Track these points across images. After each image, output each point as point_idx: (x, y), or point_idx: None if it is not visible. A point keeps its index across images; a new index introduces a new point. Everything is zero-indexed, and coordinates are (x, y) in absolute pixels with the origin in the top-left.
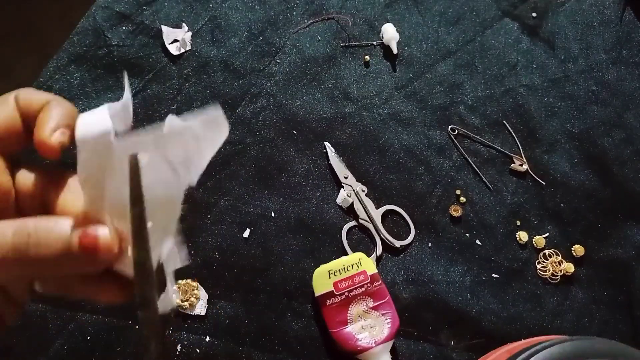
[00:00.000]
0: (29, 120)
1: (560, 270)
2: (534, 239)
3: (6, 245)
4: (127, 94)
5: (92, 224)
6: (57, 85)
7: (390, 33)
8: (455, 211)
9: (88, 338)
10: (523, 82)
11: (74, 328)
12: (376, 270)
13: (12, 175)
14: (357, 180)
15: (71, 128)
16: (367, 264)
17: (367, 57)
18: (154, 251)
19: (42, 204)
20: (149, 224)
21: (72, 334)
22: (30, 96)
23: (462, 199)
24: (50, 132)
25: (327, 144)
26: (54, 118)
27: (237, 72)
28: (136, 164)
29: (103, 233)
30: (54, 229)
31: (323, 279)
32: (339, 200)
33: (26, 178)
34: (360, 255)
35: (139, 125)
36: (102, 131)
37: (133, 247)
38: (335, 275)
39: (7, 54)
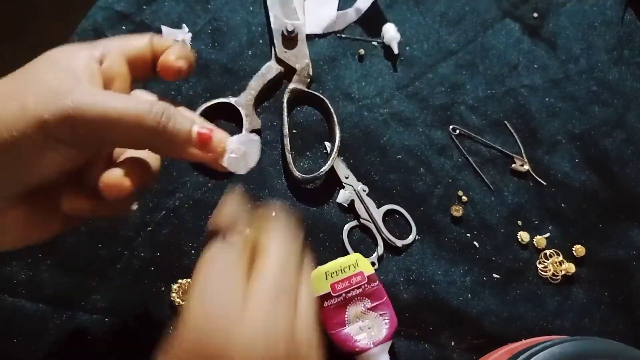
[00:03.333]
0: (156, 58)
1: (561, 271)
2: (535, 239)
3: (150, 120)
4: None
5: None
6: None
7: (391, 33)
8: (456, 211)
9: (88, 338)
10: (524, 82)
11: (74, 328)
12: (373, 271)
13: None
14: (358, 180)
15: (189, 63)
16: (364, 265)
17: (365, 54)
18: None
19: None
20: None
21: (72, 334)
22: (162, 40)
23: (464, 199)
24: (174, 57)
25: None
26: (179, 50)
27: (237, 73)
28: None
29: (217, 132)
30: (185, 119)
31: (320, 280)
32: (339, 200)
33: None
34: (357, 256)
35: None
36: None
37: None
38: (332, 277)
39: (7, 53)
